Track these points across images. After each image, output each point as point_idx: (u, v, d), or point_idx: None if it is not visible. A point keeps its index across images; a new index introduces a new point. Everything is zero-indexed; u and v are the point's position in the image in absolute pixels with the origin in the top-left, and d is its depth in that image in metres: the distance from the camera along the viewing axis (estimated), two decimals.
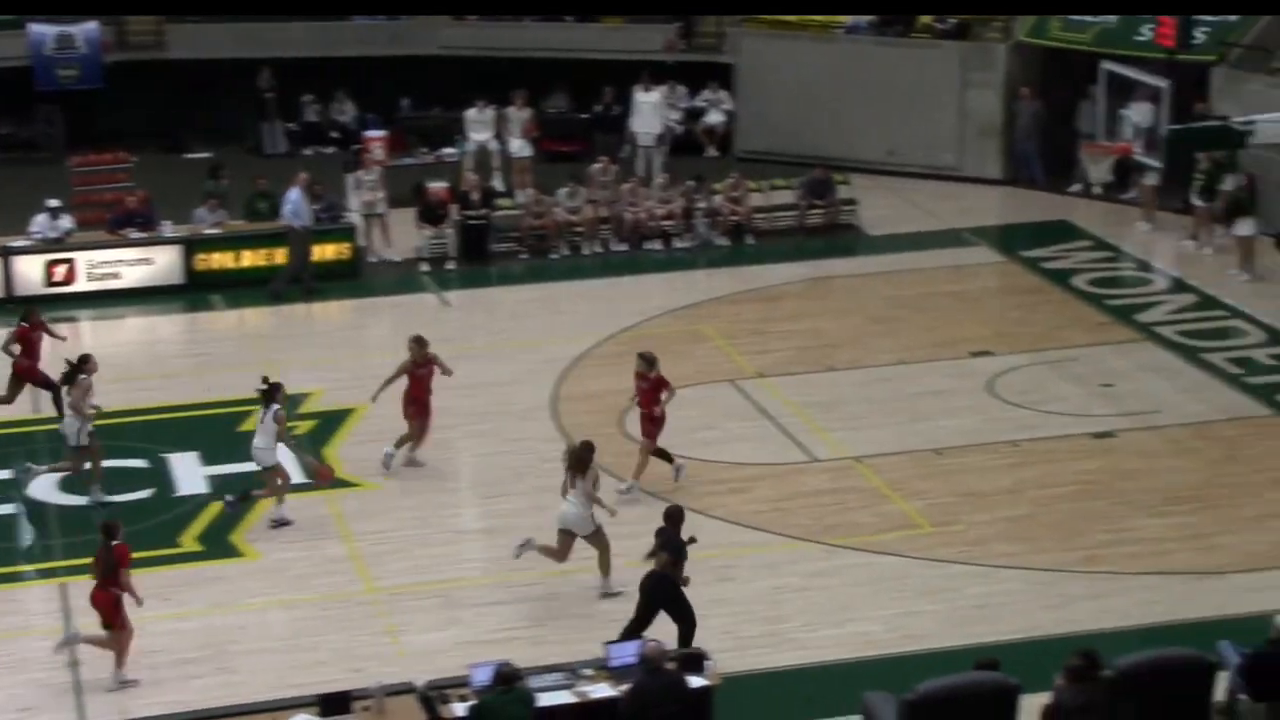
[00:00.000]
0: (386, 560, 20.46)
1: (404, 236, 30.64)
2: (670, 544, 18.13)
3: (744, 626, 18.80)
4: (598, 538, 19.58)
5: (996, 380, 24.90)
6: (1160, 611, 18.90)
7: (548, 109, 36.44)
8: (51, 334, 24.63)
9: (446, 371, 22.72)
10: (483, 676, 16.04)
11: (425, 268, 30.11)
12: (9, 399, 24.28)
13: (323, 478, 22.01)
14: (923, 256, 30.23)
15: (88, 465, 21.94)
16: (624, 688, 16.04)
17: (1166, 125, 25.27)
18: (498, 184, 33.29)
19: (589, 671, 16.56)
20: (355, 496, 22.05)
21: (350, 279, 29.54)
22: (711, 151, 35.56)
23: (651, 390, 21.95)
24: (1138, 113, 26.51)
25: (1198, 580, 19.61)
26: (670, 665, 16.19)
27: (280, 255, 29.35)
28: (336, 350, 26.83)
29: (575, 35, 35.72)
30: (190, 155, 35.61)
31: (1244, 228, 28.48)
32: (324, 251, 29.56)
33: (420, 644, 18.62)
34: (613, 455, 22.83)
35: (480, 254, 30.43)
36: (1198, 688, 16.09)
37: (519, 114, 33.52)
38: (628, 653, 16.48)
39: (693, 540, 18.35)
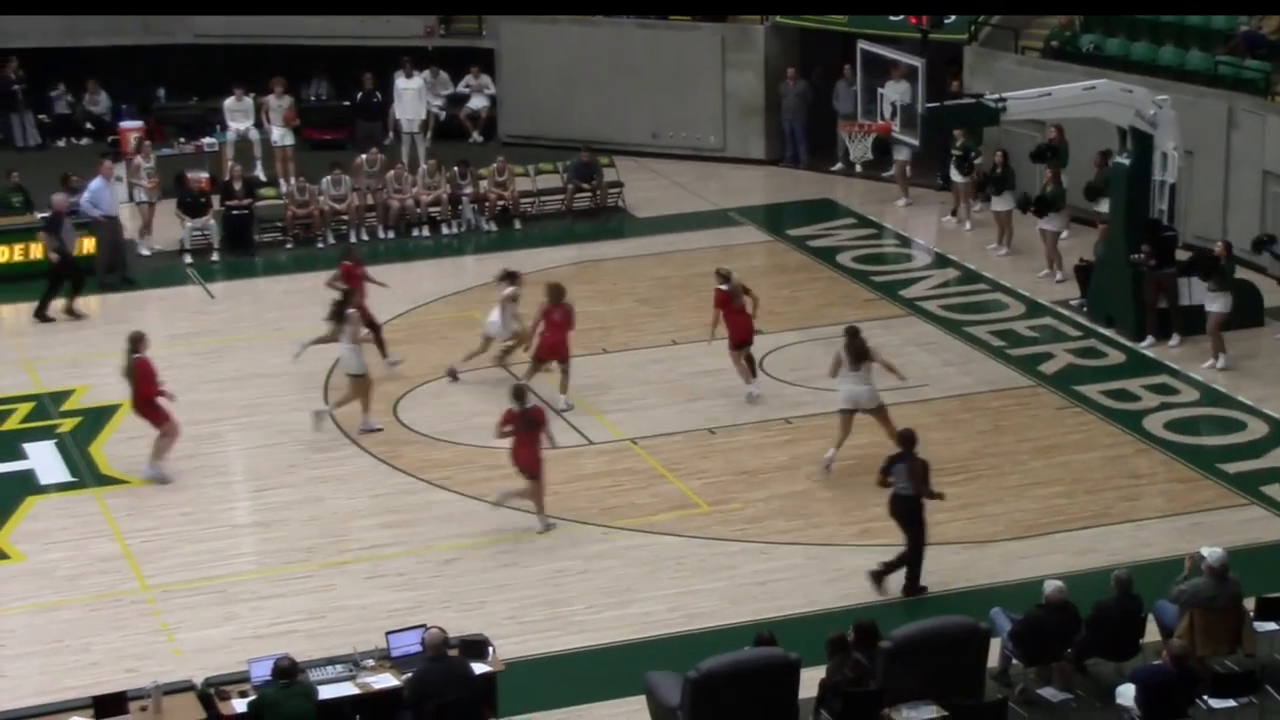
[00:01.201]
0: (159, 557, 20.07)
1: (165, 228, 30.09)
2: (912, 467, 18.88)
3: (526, 611, 18.76)
4: (881, 409, 21.63)
5: (767, 358, 25.11)
6: (935, 581, 19.19)
7: (308, 97, 36.05)
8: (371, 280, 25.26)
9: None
10: (262, 671, 15.82)
11: (188, 259, 29.59)
12: (332, 338, 23.94)
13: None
14: (690, 237, 30.43)
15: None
16: (406, 677, 15.92)
17: (922, 103, 25.61)
18: (259, 173, 32.84)
19: (371, 662, 16.40)
20: (124, 493, 21.62)
21: (110, 272, 28.88)
22: (476, 137, 35.41)
23: (725, 300, 23.24)
24: (894, 91, 26.87)
25: (969, 549, 19.97)
26: (452, 652, 16.11)
27: (36, 250, 28.66)
28: (99, 345, 26.23)
29: (334, 22, 35.26)
30: None
31: (1001, 203, 29.06)
32: (83, 245, 28.88)
33: (196, 641, 18.31)
34: (385, 444, 22.69)
35: (244, 244, 29.99)
36: (972, 655, 16.37)
37: (279, 102, 33.10)
38: (408, 642, 16.35)
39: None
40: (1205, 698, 16.04)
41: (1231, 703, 16.11)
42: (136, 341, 21.97)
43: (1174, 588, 16.93)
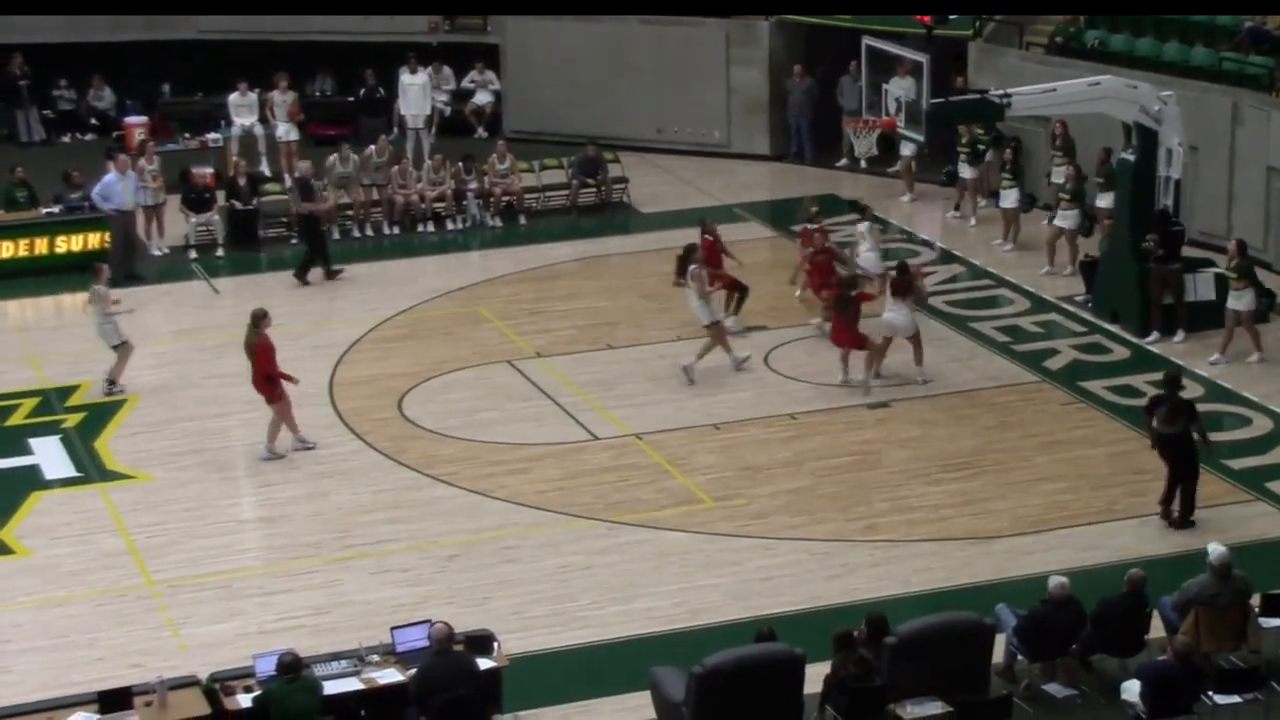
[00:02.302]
0: (164, 552, 20.08)
1: (170, 224, 30.11)
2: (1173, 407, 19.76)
3: (531, 607, 18.75)
4: (917, 337, 23.98)
5: (772, 354, 25.12)
6: (940, 577, 19.20)
7: (312, 92, 36.04)
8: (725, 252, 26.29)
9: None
10: (267, 666, 15.83)
11: (193, 255, 29.60)
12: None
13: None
14: (695, 233, 30.29)
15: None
16: (411, 672, 15.92)
17: (927, 99, 25.60)
18: (265, 169, 32.83)
19: (376, 658, 16.40)
20: (130, 489, 21.63)
21: (115, 267, 28.87)
22: (480, 133, 35.39)
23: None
24: (899, 87, 26.86)
25: (975, 545, 19.97)
26: (458, 647, 16.12)
27: (41, 245, 28.71)
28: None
29: (338, 18, 35.24)
30: None
31: (1008, 199, 29.00)
32: (86, 240, 28.93)
33: (202, 636, 18.31)
34: (390, 439, 22.72)
35: (249, 240, 29.97)
36: (977, 651, 16.36)
37: (283, 98, 33.08)
38: (413, 638, 16.36)
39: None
40: (1210, 694, 16.03)
41: (1237, 699, 16.10)
42: (259, 319, 22.15)
43: (1175, 597, 16.94)
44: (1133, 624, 16.86)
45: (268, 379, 22.00)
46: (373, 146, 30.99)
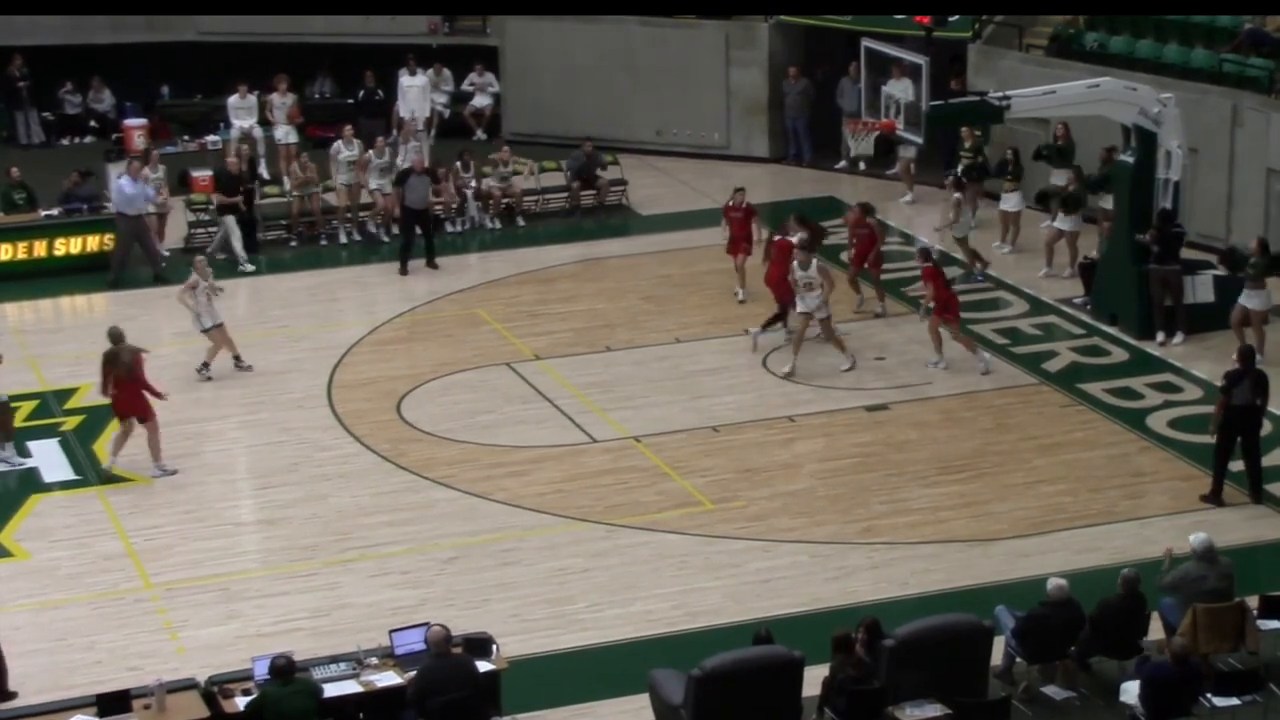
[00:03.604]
0: (162, 555, 20.08)
1: (171, 227, 30.15)
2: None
3: (530, 609, 18.75)
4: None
5: (771, 356, 25.11)
6: (938, 579, 19.21)
7: (312, 94, 36.02)
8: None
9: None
10: (265, 669, 15.82)
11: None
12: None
13: None
14: (694, 235, 30.40)
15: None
16: (410, 675, 15.92)
17: (926, 101, 25.59)
18: (263, 171, 32.80)
19: (374, 660, 16.40)
20: (128, 491, 21.63)
21: (121, 269, 28.98)
22: (479, 135, 35.38)
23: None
24: (897, 89, 26.84)
25: (973, 547, 19.96)
26: (456, 650, 16.12)
27: (40, 248, 28.75)
28: (101, 344, 26.14)
29: (338, 19, 35.23)
30: None
31: (1009, 202, 28.96)
32: (85, 243, 28.93)
33: (200, 639, 18.32)
34: (389, 442, 22.72)
35: (249, 242, 29.92)
36: (975, 653, 16.36)
37: (282, 100, 33.07)
38: (412, 640, 16.35)
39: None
40: (1209, 695, 16.03)
41: (1235, 700, 16.10)
42: (121, 336, 22.24)
43: (1161, 578, 16.97)
44: (1131, 626, 16.86)
45: (140, 395, 21.96)
46: (370, 151, 30.91)
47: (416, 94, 33.66)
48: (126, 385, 21.94)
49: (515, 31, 35.27)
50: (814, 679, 15.96)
